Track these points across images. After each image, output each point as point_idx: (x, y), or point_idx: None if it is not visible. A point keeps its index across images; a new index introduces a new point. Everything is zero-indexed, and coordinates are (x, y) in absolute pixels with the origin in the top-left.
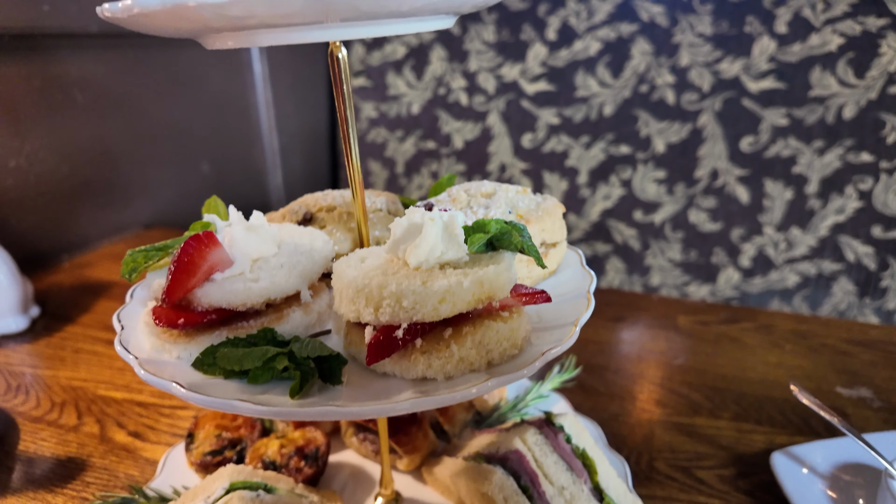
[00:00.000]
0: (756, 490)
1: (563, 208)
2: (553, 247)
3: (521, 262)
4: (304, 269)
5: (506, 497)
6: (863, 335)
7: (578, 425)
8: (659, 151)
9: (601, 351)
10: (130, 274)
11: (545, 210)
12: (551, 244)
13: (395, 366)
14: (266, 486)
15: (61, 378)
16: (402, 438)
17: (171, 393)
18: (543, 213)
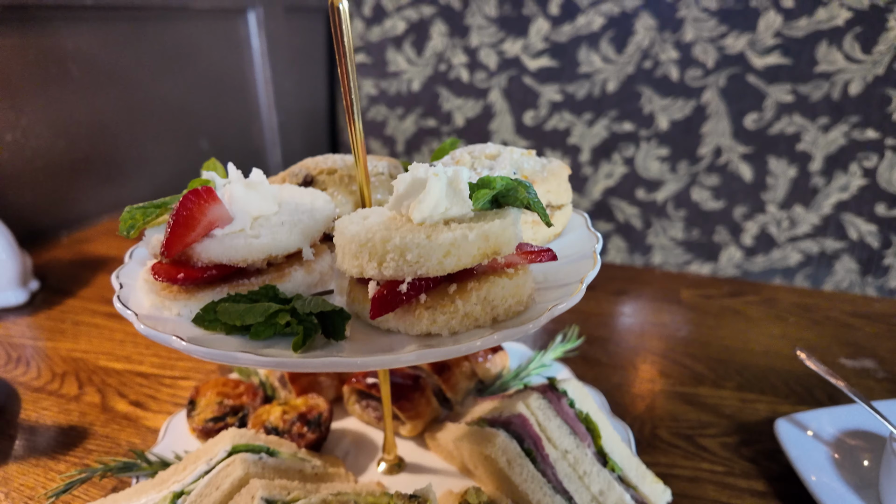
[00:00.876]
0: (759, 457)
1: (569, 170)
2: (559, 209)
3: (527, 225)
4: (305, 227)
5: (509, 460)
6: (867, 308)
7: (582, 391)
8: (662, 129)
9: (604, 323)
10: (129, 231)
11: (551, 171)
12: (557, 206)
13: (399, 321)
14: (269, 449)
15: (61, 349)
16: (405, 404)
17: (171, 346)
18: (549, 174)
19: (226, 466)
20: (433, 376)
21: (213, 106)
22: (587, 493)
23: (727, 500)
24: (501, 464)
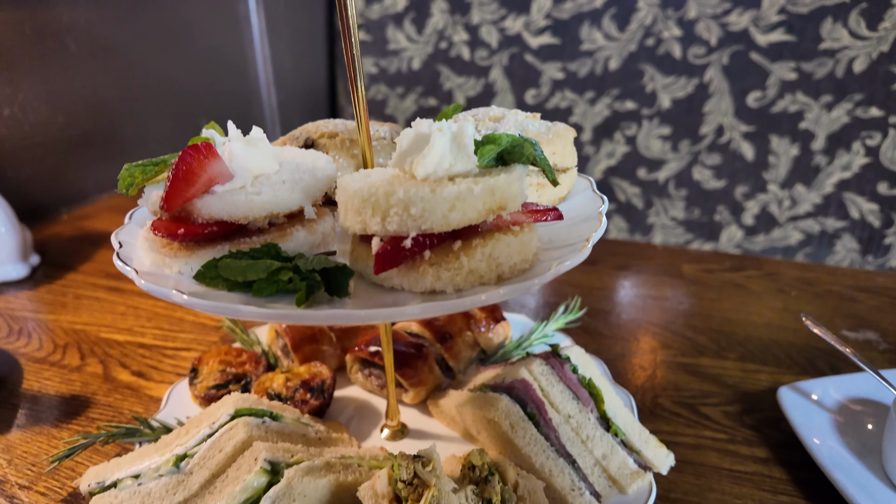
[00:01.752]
0: (762, 425)
1: (575, 133)
2: (563, 172)
3: (532, 188)
4: (307, 186)
5: (512, 423)
6: (869, 282)
7: (585, 357)
8: (664, 107)
9: (605, 297)
10: (127, 188)
11: (556, 133)
12: (562, 169)
13: (403, 278)
14: (272, 413)
15: (63, 322)
16: (408, 371)
17: (172, 301)
18: (554, 136)
19: (229, 430)
20: (436, 345)
21: (212, 84)
22: (590, 457)
23: (729, 467)
24: (504, 427)
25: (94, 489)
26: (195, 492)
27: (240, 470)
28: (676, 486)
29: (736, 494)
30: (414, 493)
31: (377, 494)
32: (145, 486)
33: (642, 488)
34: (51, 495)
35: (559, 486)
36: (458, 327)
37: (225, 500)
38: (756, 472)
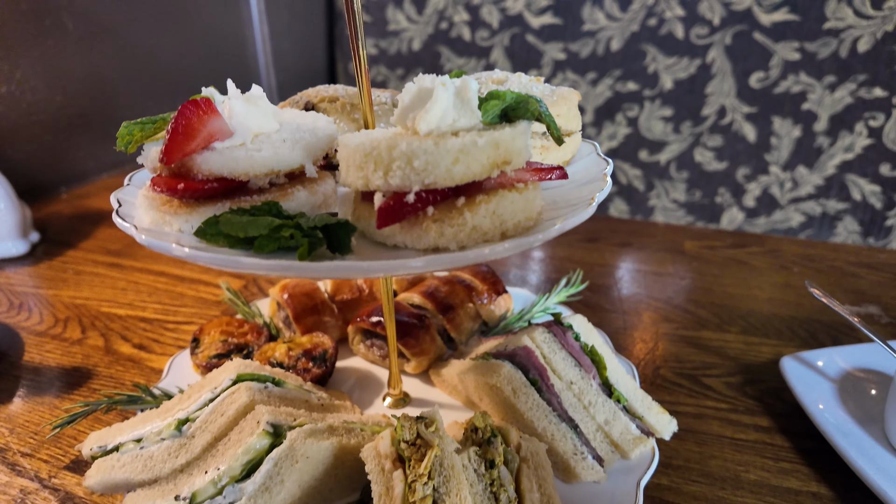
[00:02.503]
0: (764, 395)
1: (579, 96)
2: (568, 136)
3: (535, 150)
4: (307, 144)
5: (514, 389)
6: (871, 258)
7: (587, 325)
8: (666, 88)
9: (607, 273)
10: (126, 145)
11: (560, 95)
12: (566, 133)
13: (405, 235)
14: (274, 379)
15: (63, 297)
16: (410, 341)
17: (172, 255)
18: (559, 98)
19: (231, 394)
20: (438, 316)
21: (211, 64)
22: (592, 423)
23: (731, 435)
24: (507, 393)
25: (96, 453)
26: (197, 454)
27: (242, 433)
28: (678, 454)
29: (738, 462)
30: (417, 452)
31: (380, 455)
32: (147, 450)
33: (645, 453)
34: (53, 462)
35: (561, 450)
36: (459, 299)
37: (227, 462)
38: (758, 441)
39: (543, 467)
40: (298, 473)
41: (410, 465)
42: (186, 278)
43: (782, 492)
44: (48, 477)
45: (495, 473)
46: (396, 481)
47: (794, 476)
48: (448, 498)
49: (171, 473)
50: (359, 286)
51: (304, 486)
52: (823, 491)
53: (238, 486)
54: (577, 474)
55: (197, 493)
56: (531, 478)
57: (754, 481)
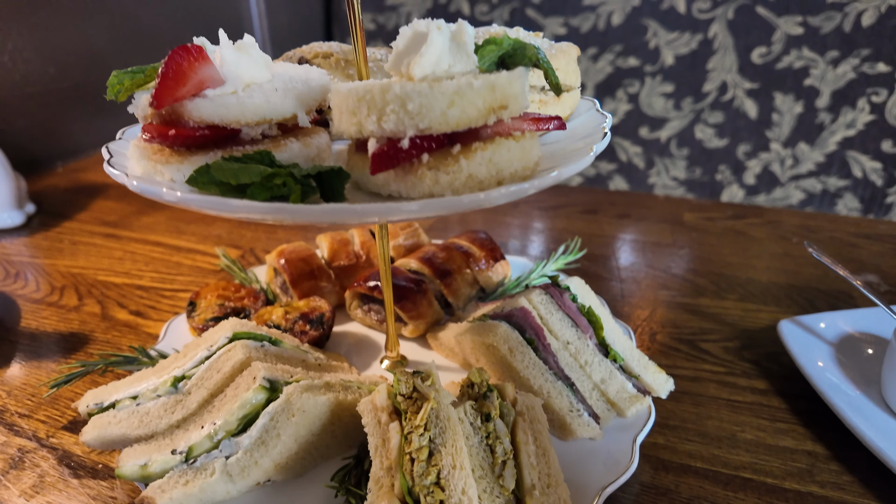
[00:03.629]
0: (761, 360)
1: (579, 51)
2: (567, 91)
3: (533, 105)
4: (300, 93)
5: (511, 348)
6: (871, 230)
7: (584, 287)
8: (668, 64)
9: (606, 244)
10: (116, 94)
11: (559, 49)
12: (565, 88)
13: (400, 183)
14: (271, 338)
15: (60, 266)
16: (407, 305)
17: (163, 200)
18: (558, 51)
19: (227, 351)
20: (435, 281)
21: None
22: (589, 382)
23: (728, 397)
24: (503, 351)
25: (92, 410)
26: (193, 410)
27: (238, 389)
28: (675, 415)
29: (734, 422)
30: (413, 406)
31: (377, 407)
32: (143, 406)
33: (641, 411)
34: (51, 423)
35: (557, 407)
36: (457, 265)
37: (223, 417)
38: (754, 402)
39: (539, 421)
40: (294, 427)
41: (407, 418)
42: (183, 248)
43: (778, 450)
44: (46, 437)
45: (491, 427)
46: (393, 433)
47: (790, 436)
48: (444, 448)
49: (168, 429)
50: (356, 252)
51: (301, 441)
52: (819, 450)
53: (234, 439)
54: (573, 431)
55: (193, 447)
56: (527, 431)
57: (750, 440)
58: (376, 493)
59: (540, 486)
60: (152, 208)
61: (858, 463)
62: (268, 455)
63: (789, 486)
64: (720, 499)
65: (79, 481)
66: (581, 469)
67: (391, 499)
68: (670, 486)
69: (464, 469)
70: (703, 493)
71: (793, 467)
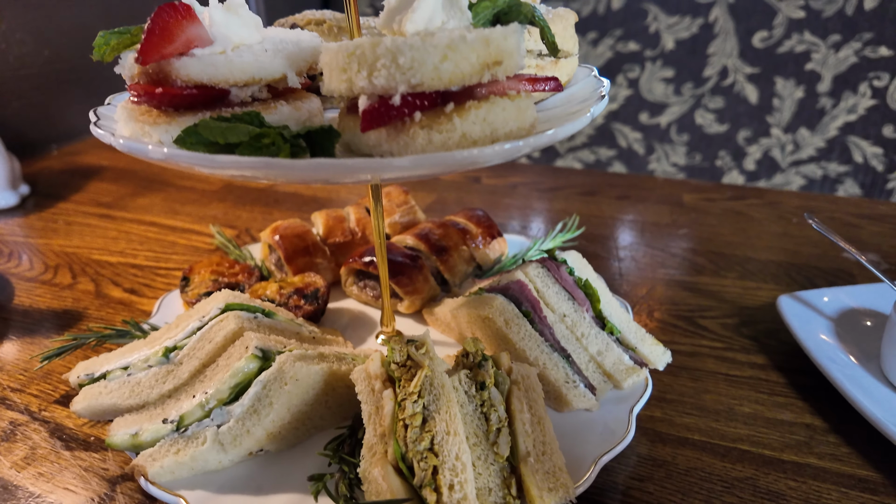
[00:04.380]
0: (760, 336)
1: (576, 17)
2: (565, 58)
3: (529, 70)
4: (290, 54)
5: (507, 320)
6: (872, 210)
7: (582, 261)
8: (668, 48)
9: (604, 224)
10: (103, 55)
11: (557, 14)
12: (563, 54)
13: (392, 143)
14: (265, 311)
15: (54, 245)
16: (403, 280)
17: (149, 158)
18: (555, 16)
19: (219, 321)
20: (431, 258)
21: None
22: (585, 354)
23: (726, 372)
24: (499, 323)
25: (83, 381)
26: (185, 380)
27: (230, 358)
28: (672, 389)
29: (732, 396)
30: (407, 373)
31: (370, 375)
32: (134, 377)
33: (638, 383)
34: (43, 397)
35: (553, 378)
36: (453, 242)
37: (215, 386)
38: (753, 377)
39: (534, 389)
40: (287, 396)
41: (401, 385)
42: (178, 228)
43: (776, 423)
44: (38, 410)
45: (485, 395)
46: (386, 400)
47: (789, 409)
48: (438, 415)
49: (159, 399)
50: (351, 229)
51: (294, 411)
52: (817, 423)
53: (226, 408)
54: (569, 402)
55: (185, 416)
56: (522, 399)
57: (748, 414)
58: (369, 460)
59: (535, 453)
60: (148, 190)
61: (857, 436)
62: (260, 424)
63: (787, 458)
64: (717, 470)
65: (70, 453)
66: (577, 439)
67: (384, 465)
68: (667, 458)
69: (458, 435)
70: (700, 465)
71: (791, 440)
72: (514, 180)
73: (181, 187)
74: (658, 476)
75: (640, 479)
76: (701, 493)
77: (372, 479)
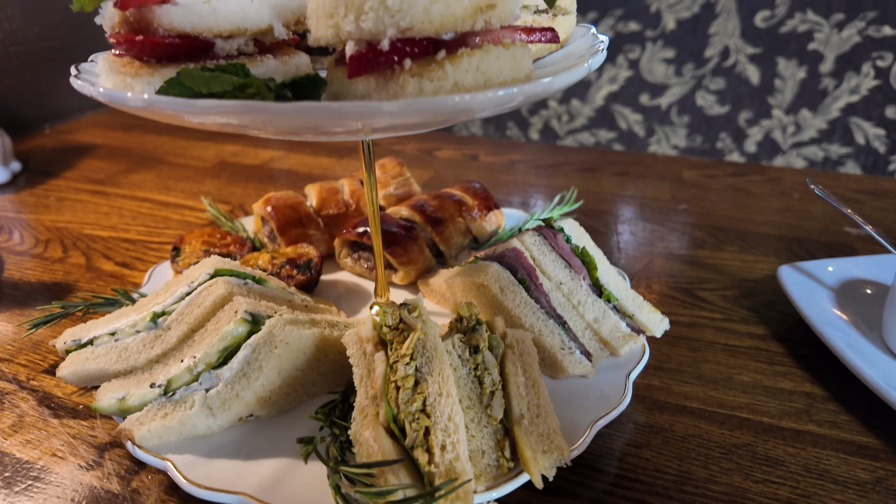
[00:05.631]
0: (760, 307)
1: None
2: (563, 14)
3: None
4: (277, 3)
5: (502, 287)
6: (874, 186)
7: (579, 229)
8: (669, 28)
9: (603, 200)
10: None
11: None
12: (560, 10)
13: (381, 92)
14: (255, 277)
15: (45, 220)
16: (398, 250)
17: (128, 106)
18: None
19: (208, 286)
20: (427, 229)
21: None
22: (581, 321)
23: (725, 342)
24: (494, 291)
25: (70, 347)
26: (173, 345)
27: (219, 323)
28: (670, 358)
29: (731, 365)
30: (399, 336)
31: (361, 339)
32: (122, 342)
33: (635, 350)
34: (32, 367)
35: (549, 344)
36: (449, 213)
37: (203, 350)
38: (752, 347)
39: (529, 353)
40: (277, 360)
41: (392, 348)
42: (171, 203)
43: (775, 392)
44: (27, 379)
45: (479, 358)
46: (378, 362)
47: (788, 378)
48: (430, 377)
49: (147, 364)
50: (345, 201)
51: (284, 375)
52: (817, 391)
53: (214, 372)
54: (565, 368)
55: (172, 380)
56: (516, 363)
57: (747, 382)
58: (361, 422)
59: (529, 415)
60: (141, 167)
61: (857, 404)
62: (249, 388)
63: (786, 425)
64: (716, 437)
65: (59, 421)
66: (572, 405)
67: (376, 426)
68: (664, 426)
69: (450, 396)
70: (698, 432)
71: (790, 407)
72: (512, 157)
73: (175, 164)
74: (655, 443)
75: (636, 446)
76: (698, 459)
77: (363, 441)
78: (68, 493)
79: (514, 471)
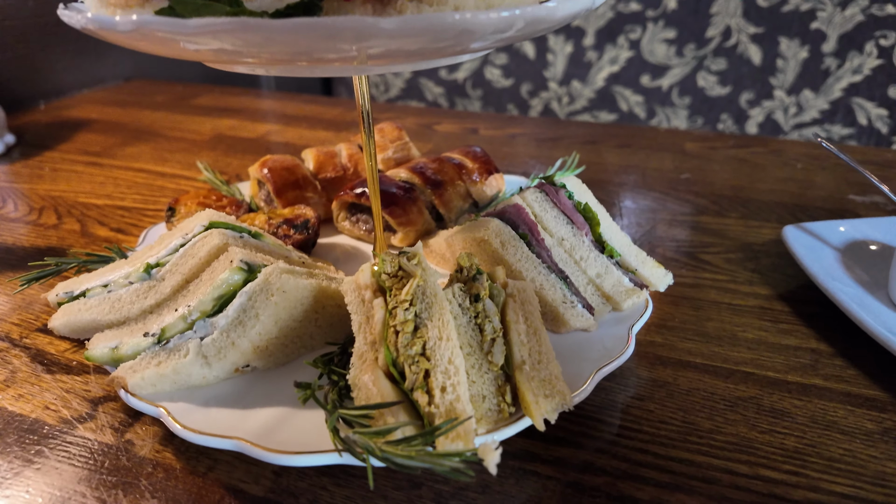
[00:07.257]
0: (763, 269)
1: None
2: None
3: None
4: None
5: (503, 241)
6: (878, 157)
7: (581, 185)
8: (670, 8)
9: (604, 170)
10: None
11: None
12: None
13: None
14: (251, 231)
15: (39, 190)
16: (396, 210)
17: (117, 31)
18: None
19: (203, 238)
20: (426, 191)
21: None
22: (584, 276)
23: (729, 301)
24: (495, 245)
25: (62, 299)
26: (167, 295)
27: (214, 272)
28: (673, 317)
29: (735, 323)
30: (399, 283)
31: (360, 286)
32: (115, 293)
33: (638, 304)
34: (25, 325)
35: (550, 298)
36: (449, 177)
37: (198, 298)
38: (757, 306)
39: (530, 302)
40: (274, 309)
41: (392, 294)
42: (167, 174)
43: (780, 348)
44: (19, 338)
45: (480, 307)
46: (377, 308)
47: (794, 335)
48: (430, 322)
49: (140, 314)
50: (343, 165)
51: (281, 325)
52: (823, 347)
53: (209, 320)
54: (566, 321)
55: (166, 329)
56: (517, 311)
57: (752, 339)
58: (359, 367)
59: (530, 361)
60: (137, 140)
61: (864, 359)
62: (245, 336)
63: (792, 380)
64: (720, 390)
65: (52, 376)
66: (574, 357)
67: (375, 370)
68: (668, 380)
69: (451, 340)
70: (702, 386)
71: (796, 363)
72: (513, 131)
73: (171, 138)
74: (659, 396)
75: (640, 399)
76: (703, 412)
77: (362, 385)
78: (61, 444)
79: (516, 416)
